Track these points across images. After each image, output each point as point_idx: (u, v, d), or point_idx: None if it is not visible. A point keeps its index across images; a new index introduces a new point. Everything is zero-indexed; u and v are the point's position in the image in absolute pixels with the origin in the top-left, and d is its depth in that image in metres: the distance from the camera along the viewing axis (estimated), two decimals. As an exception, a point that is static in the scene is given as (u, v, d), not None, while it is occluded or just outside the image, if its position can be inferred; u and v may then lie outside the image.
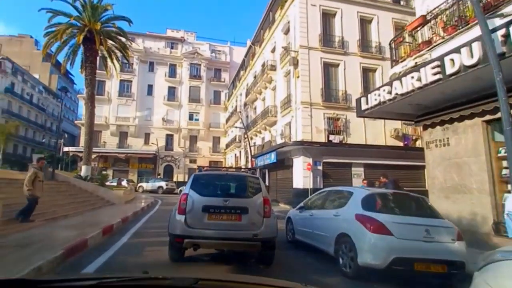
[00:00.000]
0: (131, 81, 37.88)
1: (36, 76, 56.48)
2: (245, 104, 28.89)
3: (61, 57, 21.04)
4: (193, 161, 38.41)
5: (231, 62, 41.54)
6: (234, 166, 32.91)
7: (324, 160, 16.20)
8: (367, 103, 8.71)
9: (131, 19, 21.39)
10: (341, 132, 16.89)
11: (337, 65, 17.78)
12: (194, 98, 38.99)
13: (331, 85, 17.61)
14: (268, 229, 4.62)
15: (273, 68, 21.08)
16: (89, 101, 20.12)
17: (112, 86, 37.36)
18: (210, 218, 4.54)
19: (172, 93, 39.31)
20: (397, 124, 17.73)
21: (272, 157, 17.56)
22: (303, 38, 17.19)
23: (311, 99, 16.76)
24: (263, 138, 23.23)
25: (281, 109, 19.25)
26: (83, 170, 18.87)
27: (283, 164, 17.73)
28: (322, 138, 16.47)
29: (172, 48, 40.57)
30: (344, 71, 17.59)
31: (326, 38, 17.71)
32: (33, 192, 7.44)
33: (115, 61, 22.07)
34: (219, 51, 42.22)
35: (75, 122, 39.03)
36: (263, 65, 23.29)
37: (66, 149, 34.87)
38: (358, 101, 9.17)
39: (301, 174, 16.05)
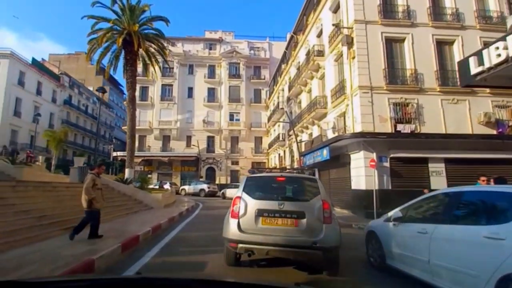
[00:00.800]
0: (172, 85, 38.07)
1: (90, 88, 60.97)
2: (288, 99, 26.62)
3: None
4: (235, 162, 37.15)
5: (270, 58, 39.66)
6: (278, 167, 30.74)
7: (392, 155, 13.19)
8: (480, 64, 5.90)
9: (171, 25, 20.71)
10: (412, 120, 13.70)
11: (403, 40, 14.65)
12: (234, 98, 37.84)
13: (396, 64, 14.53)
14: (329, 236, 4.17)
15: (321, 53, 18.53)
16: (130, 104, 19.82)
17: (154, 91, 37.91)
18: (264, 223, 4.27)
19: (211, 94, 38.67)
20: (487, 106, 13.98)
21: (324, 154, 15.01)
22: (359, 11, 14.45)
23: (371, 83, 13.90)
24: (310, 134, 20.71)
25: (332, 99, 16.61)
26: (126, 173, 18.36)
27: (338, 161, 15.06)
28: (387, 129, 13.49)
29: (210, 49, 40.07)
30: (412, 46, 14.39)
31: (387, 9, 14.72)
32: (93, 203, 6.14)
33: (154, 63, 21.91)
34: (258, 48, 40.64)
35: (123, 128, 40.43)
36: (307, 53, 20.85)
37: (115, 154, 36.04)
38: (464, 63, 6.37)
39: (362, 173, 13.24)
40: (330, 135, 16.41)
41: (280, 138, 28.35)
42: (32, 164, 18.59)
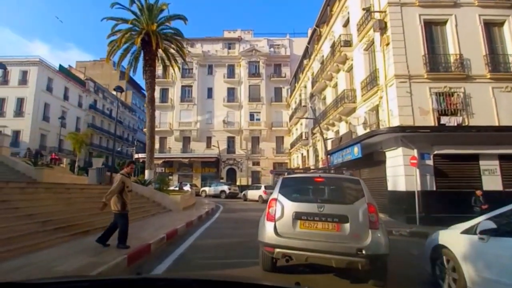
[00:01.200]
0: (191, 86, 37.84)
1: (114, 93, 62.53)
2: (312, 96, 25.28)
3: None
4: (255, 163, 36.18)
5: (291, 55, 38.40)
6: (301, 167, 29.39)
7: (436, 152, 11.58)
8: None
9: (189, 26, 20.42)
10: (459, 111, 12.00)
11: (444, 22, 12.98)
12: (254, 97, 36.94)
13: (437, 50, 12.88)
14: (376, 243, 3.75)
15: (348, 43, 17.13)
16: (149, 104, 19.52)
17: (174, 93, 37.88)
18: (303, 227, 3.99)
19: (231, 94, 38.03)
20: (550, 94, 11.99)
21: (355, 152, 13.61)
22: (392, -8, 12.99)
23: (409, 71, 12.37)
24: (337, 132, 19.28)
25: (363, 92, 15.17)
26: (146, 174, 17.97)
27: (371, 160, 13.59)
28: (430, 122, 11.90)
29: (229, 48, 39.50)
30: (455, 29, 12.69)
31: (425, -12, 13.13)
32: (123, 205, 5.43)
33: (173, 63, 21.76)
34: (278, 45, 39.52)
35: (144, 130, 40.78)
36: (332, 45, 19.50)
37: (136, 156, 36.30)
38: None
39: (401, 172, 11.74)
40: (361, 131, 14.97)
41: (303, 137, 27.02)
42: (55, 166, 18.73)
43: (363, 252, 3.67)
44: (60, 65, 44.70)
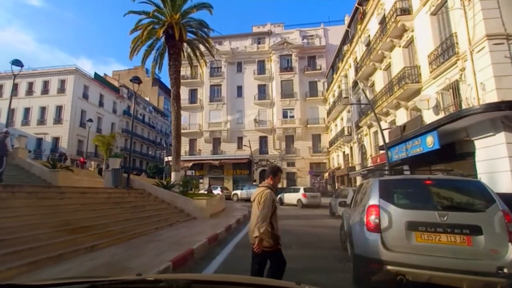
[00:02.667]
0: (220, 85, 36.19)
1: (147, 98, 64.03)
2: (355, 85, 21.98)
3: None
4: (290, 164, 33.31)
5: (327, 45, 35.16)
6: (342, 167, 26.00)
7: (562, 137, 8.05)
8: None
9: (217, 23, 18.78)
10: None
11: (557, -43, 9.36)
12: (286, 93, 34.24)
13: (549, -4, 9.29)
14: None
15: (406, 11, 13.85)
16: (174, 102, 17.87)
17: (203, 93, 36.52)
18: (421, 239, 3.33)
19: (262, 91, 35.72)
20: None
21: (428, 143, 10.36)
22: None
23: (505, 28, 8.97)
24: (392, 122, 15.91)
25: (432, 67, 11.83)
26: (172, 177, 16.24)
27: (453, 152, 10.25)
28: (546, 95, 8.38)
29: (259, 43, 37.34)
30: None
31: None
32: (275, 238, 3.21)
33: (199, 56, 20.27)
34: (311, 36, 36.48)
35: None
36: (383, 20, 16.30)
37: (167, 159, 35.34)
38: None
39: (504, 167, 8.35)
40: (430, 117, 11.63)
41: (346, 132, 23.69)
42: (77, 169, 17.80)
43: (505, 270, 3.01)
44: (95, 73, 45.80)
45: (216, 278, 1.63)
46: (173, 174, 16.67)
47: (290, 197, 18.69)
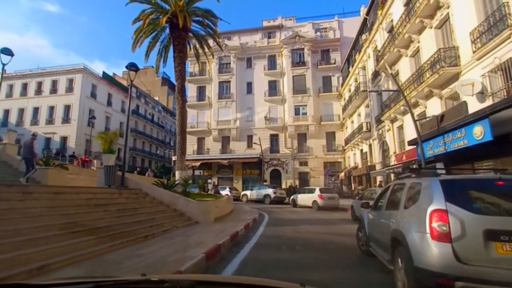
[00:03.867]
0: (229, 82, 34.83)
1: (156, 98, 63.57)
2: (375, 76, 20.14)
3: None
4: (303, 163, 31.58)
5: (341, 38, 33.28)
6: (360, 166, 24.12)
7: None
8: None
9: (226, 19, 17.45)
10: None
11: None
12: (299, 89, 32.53)
13: None
14: None
15: (439, -15, 12.03)
16: (179, 96, 16.63)
17: (211, 90, 35.26)
18: (503, 251, 2.83)
19: (273, 88, 34.15)
20: None
21: (475, 134, 8.56)
22: None
23: None
24: (421, 115, 14.05)
25: (474, 46, 10.00)
26: (177, 176, 14.98)
27: (503, 145, 8.42)
28: None
29: (269, 38, 35.81)
30: None
31: None
32: None
33: (206, 48, 18.49)
34: (325, 28, 34.66)
35: (182, 130, 39.10)
36: (408, 1, 14.49)
37: (174, 158, 34.21)
38: None
39: None
40: (474, 105, 9.79)
41: (365, 128, 21.81)
42: (74, 167, 16.74)
43: None
44: (104, 72, 45.31)
45: (220, 279, 1.65)
46: (177, 173, 15.38)
47: (304, 199, 17.03)
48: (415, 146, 12.98)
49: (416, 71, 13.55)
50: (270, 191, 20.70)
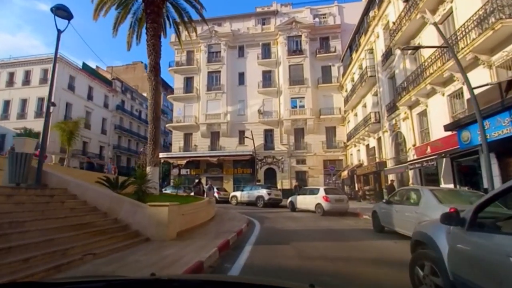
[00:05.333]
0: (219, 72, 31.59)
1: (144, 94, 59.99)
2: (386, 56, 17.13)
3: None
4: (300, 161, 28.50)
5: (342, 24, 30.34)
6: (365, 163, 21.09)
7: None
8: None
9: (217, 4, 14.02)
10: None
11: None
12: (296, 79, 29.48)
13: None
14: None
15: None
16: (152, 75, 13.48)
17: (200, 81, 31.97)
18: None
19: (267, 78, 31.05)
20: None
21: None
22: None
23: None
24: (453, 95, 11.05)
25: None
26: (148, 172, 11.72)
27: None
28: None
29: (263, 24, 32.73)
30: None
31: None
32: None
33: (188, 22, 15.84)
34: (324, 14, 31.72)
35: (166, 126, 35.54)
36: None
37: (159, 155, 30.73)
38: None
39: None
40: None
41: (372, 120, 18.76)
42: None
43: None
44: (84, 63, 41.67)
45: (229, 279, 1.66)
46: (148, 169, 12.20)
47: (305, 201, 13.88)
48: (452, 133, 9.97)
49: (451, 37, 10.51)
50: (263, 192, 17.48)
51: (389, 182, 15.78)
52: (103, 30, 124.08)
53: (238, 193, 19.45)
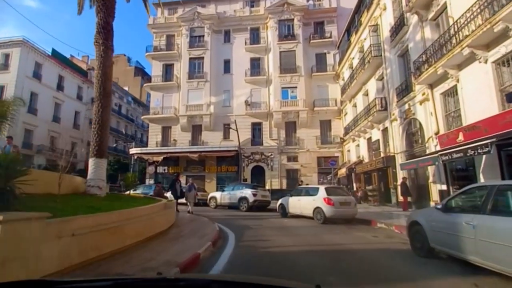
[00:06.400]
0: (202, 58, 28.23)
1: (126, 88, 56.08)
2: (397, 30, 14.23)
3: None
4: (292, 158, 25.45)
5: (338, 8, 27.53)
6: (366, 160, 18.20)
7: None
8: None
9: None
10: None
11: None
12: (287, 67, 26.46)
13: None
14: None
15: None
16: (100, 37, 9.96)
17: (180, 68, 28.53)
18: None
19: (256, 66, 27.94)
20: None
21: None
22: None
23: None
24: (498, 61, 8.18)
25: None
26: (90, 167, 8.51)
27: None
28: None
29: (252, 6, 29.60)
30: None
31: None
32: None
33: None
34: (319, -4, 28.91)
35: (142, 118, 31.88)
36: None
37: (133, 150, 27.13)
38: None
39: None
40: None
41: (378, 107, 15.85)
42: None
43: None
44: (53, 50, 37.57)
45: (236, 279, 1.61)
46: (91, 162, 8.91)
47: (300, 204, 10.75)
48: (504, 111, 7.07)
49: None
50: (248, 192, 14.24)
51: (401, 180, 12.87)
52: (89, 26, 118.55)
53: (217, 194, 16.11)
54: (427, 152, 11.59)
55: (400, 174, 13.68)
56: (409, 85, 12.85)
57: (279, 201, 12.26)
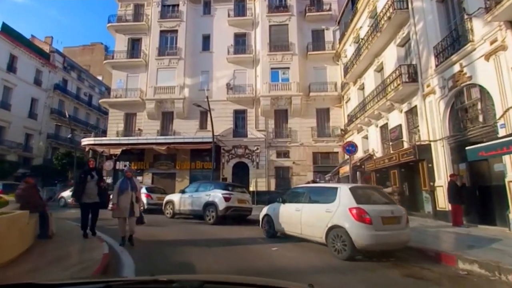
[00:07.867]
0: (175, 31, 23.30)
1: (100, 77, 50.20)
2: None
3: None
4: (282, 154, 20.78)
5: (339, -23, 23.34)
6: (378, 153, 13.77)
7: None
8: None
9: None
10: None
11: None
12: (278, 44, 21.90)
13: None
14: None
15: None
16: None
17: (149, 43, 23.51)
18: None
19: (241, 43, 23.27)
20: None
21: None
22: None
23: None
24: None
25: None
26: None
27: None
28: None
29: (237, -28, 25.02)
30: None
31: None
32: None
33: None
34: (316, -38, 24.59)
35: (100, 102, 26.47)
36: None
37: (85, 141, 21.84)
38: None
39: None
40: None
41: (404, 78, 11.40)
42: None
43: None
44: (4, 24, 31.79)
45: (229, 279, 1.66)
46: None
47: (299, 219, 5.99)
48: None
49: None
50: (217, 196, 9.42)
51: (449, 178, 8.44)
52: (81, 22, 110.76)
53: (175, 197, 11.04)
54: (499, 134, 7.21)
55: (442, 170, 9.27)
56: (463, 35, 8.48)
57: (264, 210, 7.52)
